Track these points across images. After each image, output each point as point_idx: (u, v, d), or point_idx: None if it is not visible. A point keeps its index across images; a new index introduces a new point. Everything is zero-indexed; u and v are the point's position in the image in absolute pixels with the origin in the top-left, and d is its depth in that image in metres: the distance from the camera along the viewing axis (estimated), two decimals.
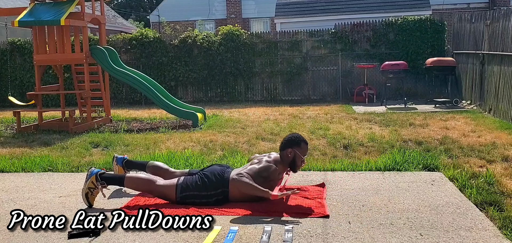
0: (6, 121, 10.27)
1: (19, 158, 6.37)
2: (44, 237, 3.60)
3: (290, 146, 4.34)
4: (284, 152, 4.36)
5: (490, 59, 9.83)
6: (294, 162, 4.35)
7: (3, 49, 14.13)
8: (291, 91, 13.77)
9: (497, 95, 9.32)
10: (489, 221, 3.71)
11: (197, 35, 13.85)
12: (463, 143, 6.66)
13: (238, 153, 6.29)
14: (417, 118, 9.11)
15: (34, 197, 4.66)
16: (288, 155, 4.33)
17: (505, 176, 4.95)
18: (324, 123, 8.70)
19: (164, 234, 3.57)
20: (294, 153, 4.31)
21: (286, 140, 4.41)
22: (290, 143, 4.36)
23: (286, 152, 4.34)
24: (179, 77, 13.81)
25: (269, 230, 3.56)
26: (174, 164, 5.70)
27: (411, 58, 12.92)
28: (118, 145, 7.19)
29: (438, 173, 5.14)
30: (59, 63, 9.71)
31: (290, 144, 4.35)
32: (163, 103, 9.37)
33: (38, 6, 9.38)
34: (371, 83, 12.81)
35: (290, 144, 4.35)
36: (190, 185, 4.24)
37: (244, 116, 10.24)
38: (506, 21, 8.98)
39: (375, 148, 6.54)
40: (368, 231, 3.55)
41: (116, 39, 14.00)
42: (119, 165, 4.88)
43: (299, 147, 4.33)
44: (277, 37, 13.77)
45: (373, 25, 13.34)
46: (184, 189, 4.22)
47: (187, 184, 4.25)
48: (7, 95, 11.51)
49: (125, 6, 39.16)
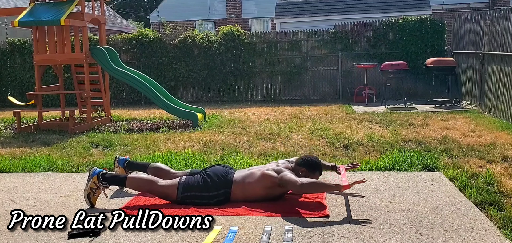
0: (6, 121, 10.27)
1: (19, 158, 6.37)
2: (44, 237, 3.60)
3: (306, 168, 4.34)
4: (299, 167, 4.35)
5: (490, 59, 9.83)
6: None
7: (3, 49, 14.13)
8: (291, 91, 13.77)
9: (497, 95, 9.32)
10: (489, 221, 3.71)
11: (197, 35, 13.86)
12: (463, 143, 6.66)
13: (238, 153, 6.29)
14: (417, 118, 9.11)
15: (34, 197, 4.66)
16: (299, 173, 4.32)
17: (505, 176, 4.95)
18: (324, 123, 8.70)
19: (164, 234, 3.57)
20: (305, 174, 4.32)
21: (306, 161, 4.39)
22: (307, 165, 4.35)
23: (300, 168, 4.34)
24: (179, 77, 13.81)
25: (269, 230, 3.56)
26: (174, 164, 5.70)
27: (411, 58, 12.92)
28: (118, 145, 7.19)
29: (438, 173, 5.14)
30: (59, 63, 9.71)
31: (306, 166, 4.34)
32: (163, 103, 9.37)
33: (38, 6, 9.38)
34: (371, 83, 12.81)
35: (306, 166, 4.35)
36: (192, 184, 4.24)
37: (244, 116, 10.24)
38: (506, 21, 8.97)
39: (375, 148, 6.54)
40: (368, 231, 3.55)
41: (116, 39, 14.00)
42: (120, 166, 4.88)
43: (313, 174, 4.33)
44: (277, 37, 13.77)
45: (373, 25, 13.34)
46: (186, 188, 4.22)
47: (188, 183, 4.25)
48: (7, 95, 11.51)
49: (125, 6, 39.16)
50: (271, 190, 4.20)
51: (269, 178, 4.17)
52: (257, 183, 4.19)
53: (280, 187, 4.20)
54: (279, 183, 4.16)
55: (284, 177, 4.13)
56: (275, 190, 4.21)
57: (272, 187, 4.19)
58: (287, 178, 4.11)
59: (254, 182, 4.21)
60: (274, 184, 4.18)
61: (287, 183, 4.11)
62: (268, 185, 4.18)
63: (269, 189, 4.20)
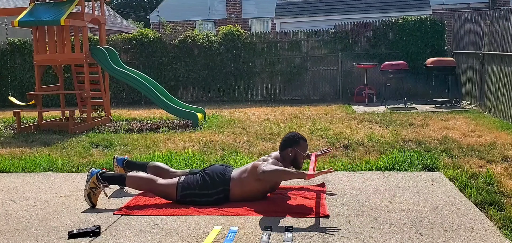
0: (6, 121, 10.27)
1: (19, 158, 6.37)
2: (44, 237, 3.60)
3: (290, 145, 4.37)
4: (285, 152, 4.38)
5: (490, 59, 9.83)
6: (296, 160, 4.38)
7: (3, 49, 14.13)
8: (291, 91, 13.77)
9: (497, 95, 9.32)
10: (489, 221, 3.71)
11: (197, 35, 13.86)
12: (463, 143, 6.66)
13: (238, 153, 6.29)
14: (417, 118, 9.11)
15: (34, 197, 4.66)
16: (289, 154, 4.36)
17: (505, 176, 4.95)
18: (324, 123, 8.71)
19: (164, 234, 3.57)
20: (294, 152, 4.34)
21: (285, 140, 4.43)
22: (289, 143, 4.38)
23: (286, 152, 4.36)
24: (179, 77, 13.81)
25: (269, 230, 3.56)
26: (174, 164, 5.70)
27: (411, 58, 12.92)
28: (118, 145, 7.19)
29: (438, 173, 5.14)
30: (59, 63, 9.71)
31: (289, 144, 4.38)
32: (163, 103, 9.37)
33: (38, 6, 9.38)
34: (371, 83, 12.81)
35: (289, 143, 4.38)
36: (191, 184, 4.24)
37: (244, 116, 10.24)
38: (506, 21, 8.98)
39: (375, 148, 6.54)
40: (368, 231, 3.55)
41: (116, 39, 14.00)
42: (119, 166, 4.89)
43: (299, 145, 4.37)
44: (277, 37, 13.78)
45: (373, 25, 13.34)
46: (185, 187, 4.22)
47: (188, 183, 4.26)
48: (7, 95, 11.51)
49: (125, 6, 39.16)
50: (263, 182, 4.19)
51: (257, 168, 4.16)
52: (251, 176, 4.19)
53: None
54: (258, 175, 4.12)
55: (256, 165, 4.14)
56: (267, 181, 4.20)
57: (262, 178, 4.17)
58: (256, 164, 4.14)
59: (248, 176, 4.22)
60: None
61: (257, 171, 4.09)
62: (258, 176, 4.15)
63: (261, 181, 4.17)
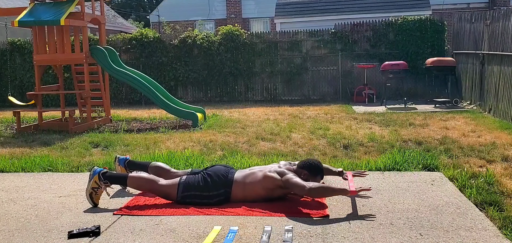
0: (6, 121, 10.27)
1: (19, 158, 6.37)
2: (44, 237, 3.60)
3: (308, 171, 4.32)
4: (300, 170, 4.34)
5: (490, 59, 9.83)
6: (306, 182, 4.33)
7: (3, 49, 14.12)
8: (291, 91, 13.77)
9: (497, 95, 9.32)
10: (489, 221, 3.71)
11: (197, 35, 13.85)
12: (463, 143, 6.66)
13: (238, 153, 6.29)
14: (417, 118, 9.11)
15: (34, 197, 4.66)
16: (301, 174, 4.30)
17: (505, 176, 4.95)
18: (324, 123, 8.70)
19: (163, 234, 3.57)
20: (307, 177, 4.29)
21: (307, 164, 4.39)
22: (308, 168, 4.34)
23: (302, 171, 4.32)
24: (179, 77, 13.81)
25: (269, 230, 3.56)
26: (174, 164, 5.69)
27: (411, 58, 12.91)
28: (118, 145, 7.19)
29: (438, 173, 5.14)
30: (59, 63, 9.71)
31: (308, 169, 4.33)
32: (163, 103, 9.37)
33: (38, 6, 9.38)
34: (371, 83, 12.80)
35: (308, 169, 4.34)
36: (192, 184, 4.24)
37: (244, 116, 10.24)
38: (506, 21, 8.98)
39: (375, 148, 6.54)
40: (368, 231, 3.55)
41: (116, 39, 14.00)
42: (121, 166, 4.89)
43: (314, 177, 4.32)
44: (277, 37, 13.77)
45: (373, 25, 13.34)
46: (186, 188, 4.22)
47: (189, 183, 4.25)
48: (7, 95, 11.50)
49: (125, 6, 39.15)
50: (272, 191, 4.20)
51: (271, 179, 4.17)
52: (259, 183, 4.19)
53: (281, 189, 4.19)
54: (282, 186, 4.15)
55: (290, 181, 4.11)
56: (276, 191, 4.21)
57: (273, 188, 4.19)
58: (294, 181, 4.10)
59: (255, 182, 4.21)
60: (276, 186, 4.17)
61: (294, 186, 4.10)
62: (269, 186, 4.18)
63: (270, 191, 4.20)
